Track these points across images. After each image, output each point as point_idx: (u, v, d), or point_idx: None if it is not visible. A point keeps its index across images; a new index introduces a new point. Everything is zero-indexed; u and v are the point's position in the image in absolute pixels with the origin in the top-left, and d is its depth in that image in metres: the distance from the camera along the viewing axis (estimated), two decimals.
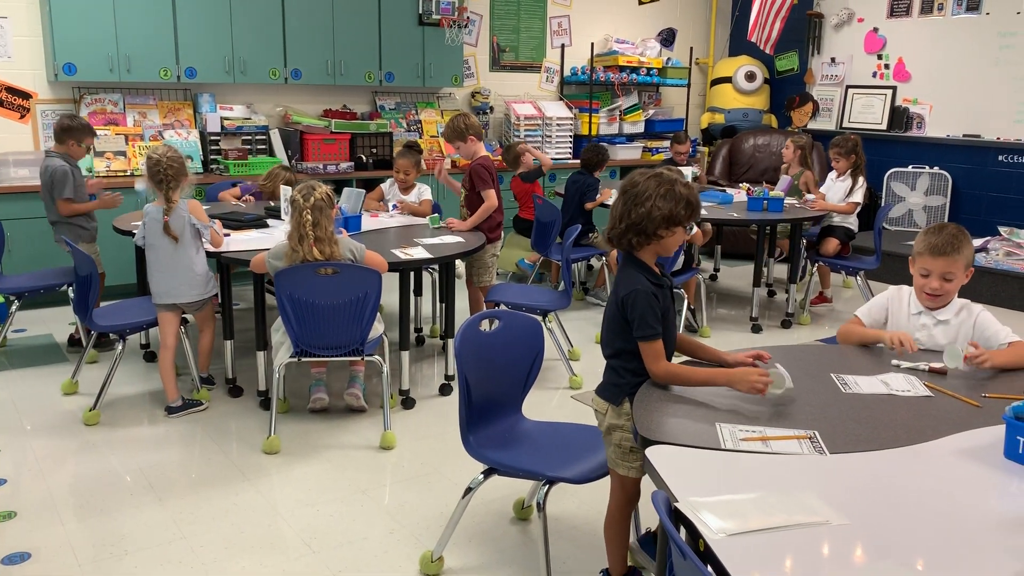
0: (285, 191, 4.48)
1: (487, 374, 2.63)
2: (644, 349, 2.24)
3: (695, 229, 4.96)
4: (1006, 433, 1.88)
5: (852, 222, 5.76)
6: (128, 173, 5.96)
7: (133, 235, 4.11)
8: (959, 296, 2.68)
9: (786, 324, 5.57)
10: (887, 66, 7.73)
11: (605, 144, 7.95)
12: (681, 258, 5.06)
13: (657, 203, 2.21)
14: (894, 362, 2.47)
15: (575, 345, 4.88)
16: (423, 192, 5.23)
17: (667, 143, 8.12)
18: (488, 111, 7.70)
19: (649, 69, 8.22)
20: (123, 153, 6.04)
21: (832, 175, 5.89)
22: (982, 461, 1.87)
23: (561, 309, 4.50)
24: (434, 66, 7.06)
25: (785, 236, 6.11)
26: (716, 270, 6.95)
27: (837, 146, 5.76)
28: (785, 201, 5.56)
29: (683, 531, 1.57)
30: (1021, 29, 6.76)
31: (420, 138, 7.21)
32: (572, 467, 2.47)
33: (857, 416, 2.11)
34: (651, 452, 1.85)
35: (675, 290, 5.01)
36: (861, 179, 5.77)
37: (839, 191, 5.81)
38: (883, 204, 7.29)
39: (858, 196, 5.68)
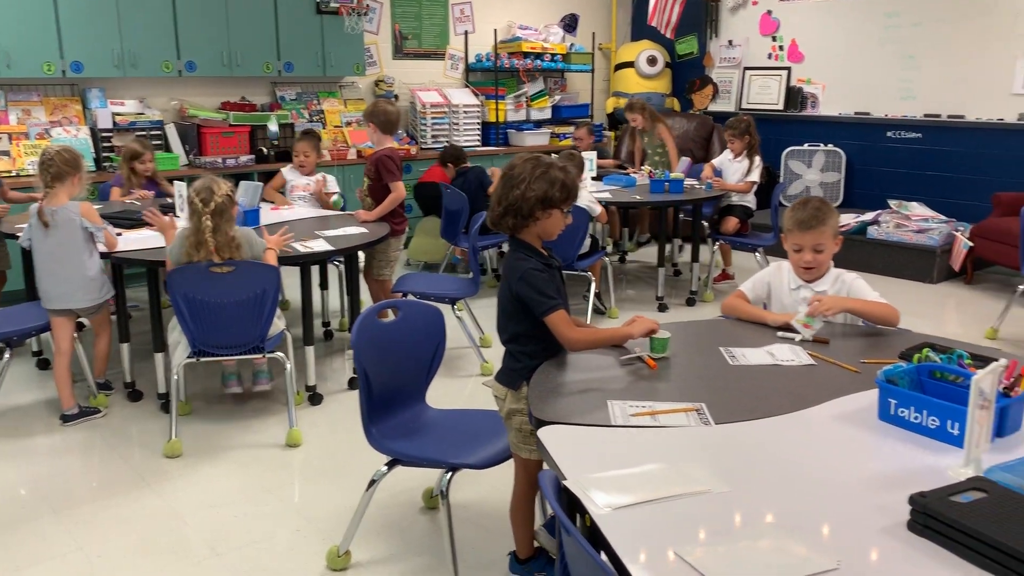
0: (180, 187, 4.34)
1: (388, 365, 2.61)
2: (552, 322, 2.28)
3: (598, 210, 5.02)
4: (879, 396, 1.97)
5: (750, 200, 5.93)
6: (13, 173, 5.68)
7: (17, 237, 3.92)
8: (837, 267, 2.79)
9: (691, 302, 5.71)
10: (781, 48, 7.97)
11: (512, 131, 8.04)
12: (588, 240, 5.13)
13: (532, 185, 2.25)
14: (780, 334, 2.56)
15: (486, 332, 4.89)
16: (331, 184, 5.16)
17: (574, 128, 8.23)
18: (393, 99, 7.62)
19: (553, 55, 8.28)
20: (7, 153, 5.76)
21: (727, 155, 6.07)
22: (858, 424, 1.96)
23: (470, 296, 4.50)
24: (334, 55, 6.95)
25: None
26: (624, 252, 7.07)
27: (731, 127, 5.95)
28: (685, 182, 5.68)
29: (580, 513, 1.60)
30: (905, 9, 7.05)
31: (324, 128, 7.09)
32: (475, 453, 2.48)
33: (743, 387, 2.18)
34: (544, 433, 1.87)
35: (583, 273, 5.13)
36: (757, 159, 5.97)
37: (736, 171, 5.99)
38: (781, 182, 7.52)
39: (755, 175, 5.86)
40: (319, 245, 3.88)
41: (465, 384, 4.30)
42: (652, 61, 8.62)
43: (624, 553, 1.41)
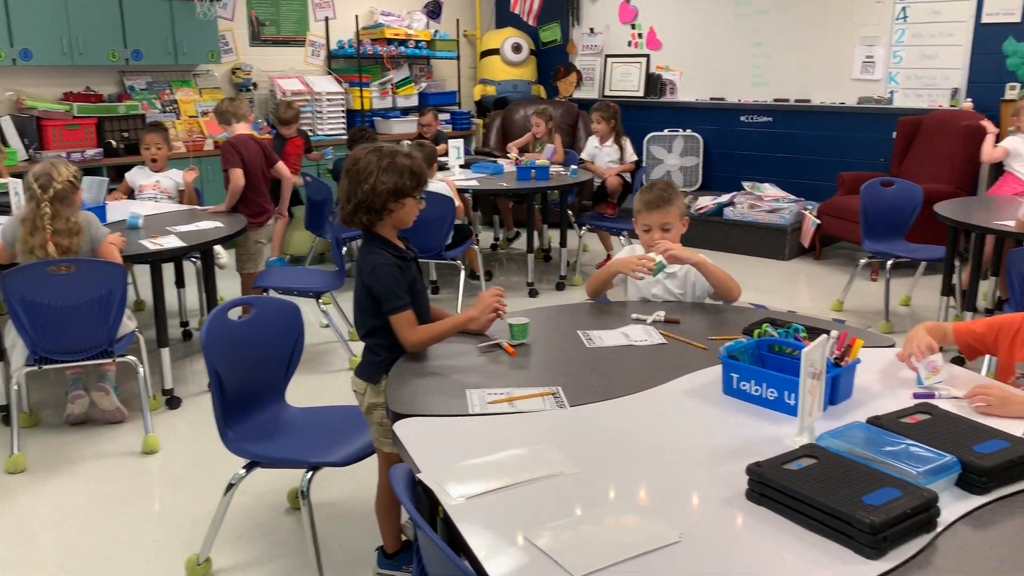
0: (14, 184, 4.04)
1: (242, 365, 2.53)
2: (395, 322, 2.25)
3: (457, 202, 5.02)
4: (722, 371, 2.05)
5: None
6: None
7: None
8: (697, 246, 2.89)
9: (560, 286, 5.80)
10: (640, 35, 8.18)
11: (379, 118, 7.93)
12: (469, 226, 5.13)
13: (380, 178, 2.22)
14: (634, 316, 2.63)
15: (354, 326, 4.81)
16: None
17: (444, 115, 8.19)
18: (251, 88, 7.37)
19: (418, 42, 8.20)
20: None
21: (594, 141, 6.22)
22: (704, 399, 2.04)
23: (335, 289, 4.41)
24: (186, 42, 6.63)
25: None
26: (496, 239, 7.10)
27: (600, 111, 6.13)
28: (551, 169, 5.76)
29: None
30: None
31: (178, 119, 6.77)
32: (337, 451, 2.44)
33: (598, 368, 2.23)
34: (400, 426, 1.85)
35: (453, 262, 5.12)
36: (625, 140, 6.20)
37: (607, 156, 6.18)
38: (643, 166, 7.74)
39: (633, 155, 6.10)
40: (170, 242, 3.70)
41: (334, 380, 4.22)
42: (517, 48, 8.67)
43: (475, 542, 1.41)
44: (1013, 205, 4.17)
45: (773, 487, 1.51)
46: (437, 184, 5.09)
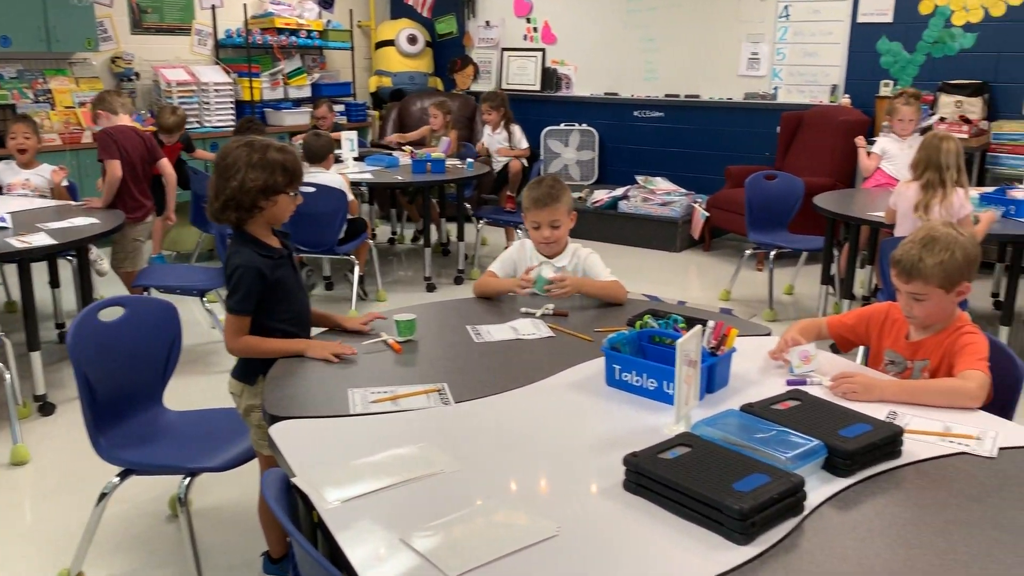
0: None
1: (115, 368, 2.41)
2: (227, 321, 2.20)
3: (350, 197, 4.93)
4: (605, 363, 2.08)
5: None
6: None
7: None
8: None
9: (458, 280, 5.78)
10: (536, 29, 8.22)
11: (270, 110, 7.71)
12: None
13: (250, 174, 2.14)
14: (523, 309, 2.63)
15: None
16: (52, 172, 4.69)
17: (339, 107, 8.04)
18: (133, 77, 7.04)
19: (310, 32, 8.01)
20: None
21: (488, 130, 6.28)
22: (588, 391, 2.05)
23: (221, 287, 4.25)
24: (60, 28, 6.28)
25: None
26: (394, 234, 7.03)
27: (488, 100, 6.19)
28: (447, 163, 5.72)
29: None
30: None
31: (52, 109, 6.41)
32: (217, 455, 2.35)
33: (485, 363, 2.22)
34: (276, 429, 1.80)
35: (346, 257, 5.02)
36: (515, 127, 6.27)
37: (498, 143, 6.22)
38: (541, 159, 7.80)
39: (524, 142, 6.14)
40: (39, 239, 3.50)
41: (220, 381, 4.03)
42: (412, 40, 8.58)
43: (349, 546, 1.37)
44: (885, 197, 4.38)
45: (648, 476, 1.53)
46: (332, 176, 4.99)
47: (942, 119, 5.88)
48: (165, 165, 4.79)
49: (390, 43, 8.61)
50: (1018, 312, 5.12)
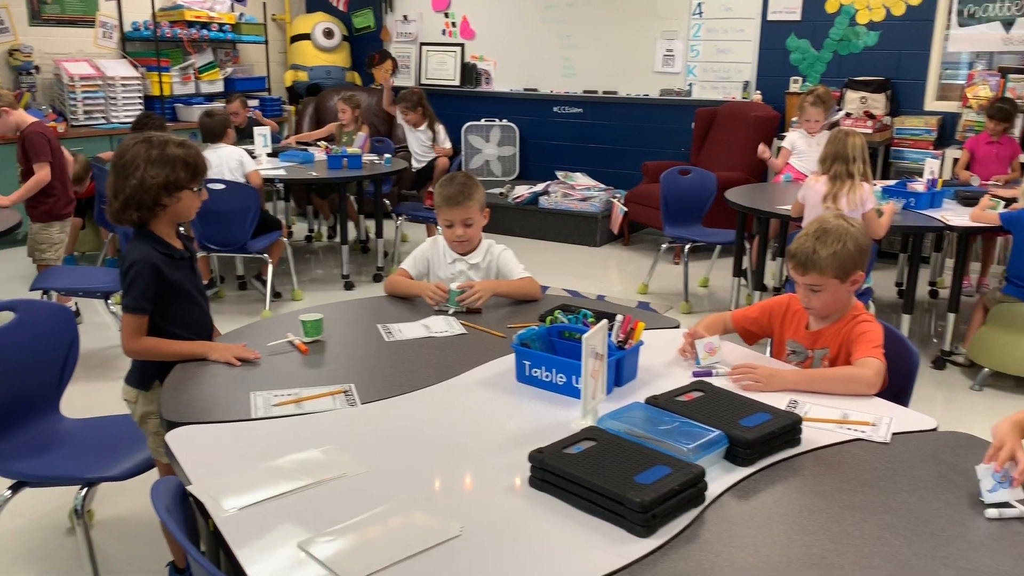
0: None
1: (5, 375, 2.29)
2: (124, 321, 2.13)
3: (249, 168, 4.85)
4: (515, 359, 2.07)
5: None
6: None
7: None
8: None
9: (377, 278, 5.71)
10: (454, 24, 8.18)
11: (181, 105, 7.49)
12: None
13: (150, 171, 2.07)
14: (437, 308, 2.60)
15: None
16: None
17: (253, 102, 7.85)
18: (33, 71, 6.73)
19: (222, 25, 7.80)
20: None
21: (407, 128, 6.24)
22: (499, 388, 2.05)
23: None
24: None
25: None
26: (311, 231, 6.90)
27: (405, 100, 6.14)
28: (363, 158, 5.64)
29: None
30: None
31: None
32: (116, 464, 2.26)
33: (395, 362, 2.19)
34: (172, 436, 1.73)
35: (259, 255, 4.91)
36: (439, 125, 6.23)
37: (419, 139, 6.18)
38: (461, 155, 7.78)
39: (447, 143, 6.10)
40: None
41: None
42: (329, 34, 8.44)
43: (244, 555, 1.33)
44: (794, 190, 4.51)
45: (553, 472, 1.53)
46: (234, 150, 4.94)
47: (848, 114, 6.07)
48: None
49: (306, 37, 8.45)
50: (919, 300, 5.34)
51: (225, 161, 4.86)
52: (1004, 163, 5.26)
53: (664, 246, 5.48)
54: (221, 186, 4.54)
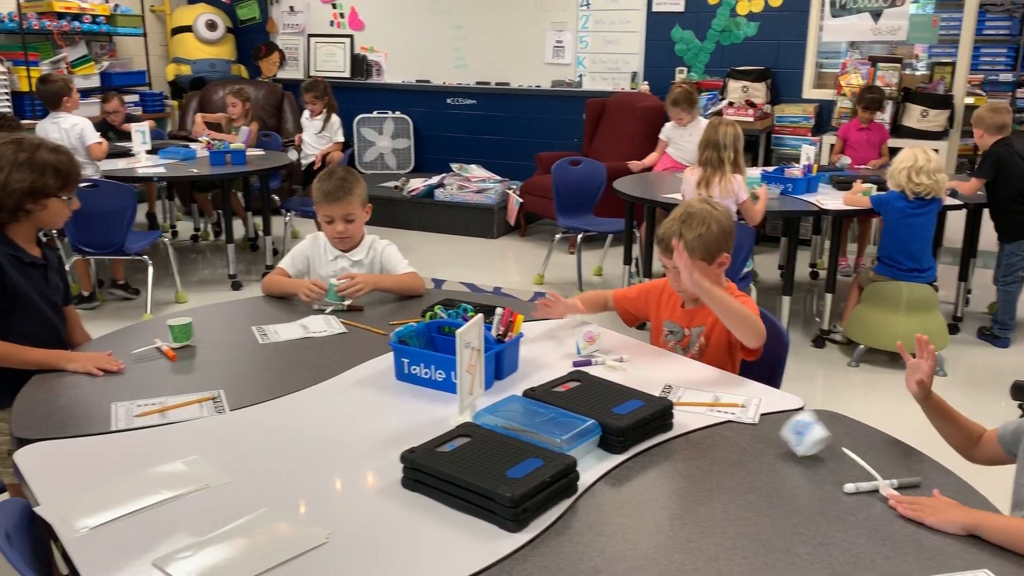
0: None
1: None
2: None
3: (90, 141, 4.67)
4: (394, 357, 2.03)
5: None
6: None
7: None
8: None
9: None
10: (342, 15, 8.01)
11: None
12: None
13: (15, 175, 1.95)
14: (316, 306, 2.54)
15: None
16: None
17: (133, 97, 7.52)
18: None
19: (95, 17, 7.41)
20: None
21: (307, 114, 6.13)
22: (378, 387, 2.01)
23: None
24: None
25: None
26: (197, 230, 6.66)
27: (311, 90, 6.05)
28: (248, 153, 5.47)
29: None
30: None
31: None
32: None
33: (269, 365, 2.12)
34: (21, 455, 1.63)
35: (137, 257, 4.70)
36: (335, 117, 6.13)
37: (312, 128, 6.08)
38: (353, 148, 7.65)
39: (339, 133, 6.10)
40: None
41: None
42: (212, 26, 8.14)
43: None
44: (673, 180, 4.63)
45: (425, 472, 1.51)
46: (75, 118, 4.85)
47: (731, 103, 6.25)
48: None
49: (187, 29, 8.13)
50: (801, 282, 5.56)
51: (66, 134, 4.65)
52: (875, 148, 5.51)
53: (558, 236, 5.52)
54: (95, 186, 4.32)
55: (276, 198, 6.12)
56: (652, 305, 2.41)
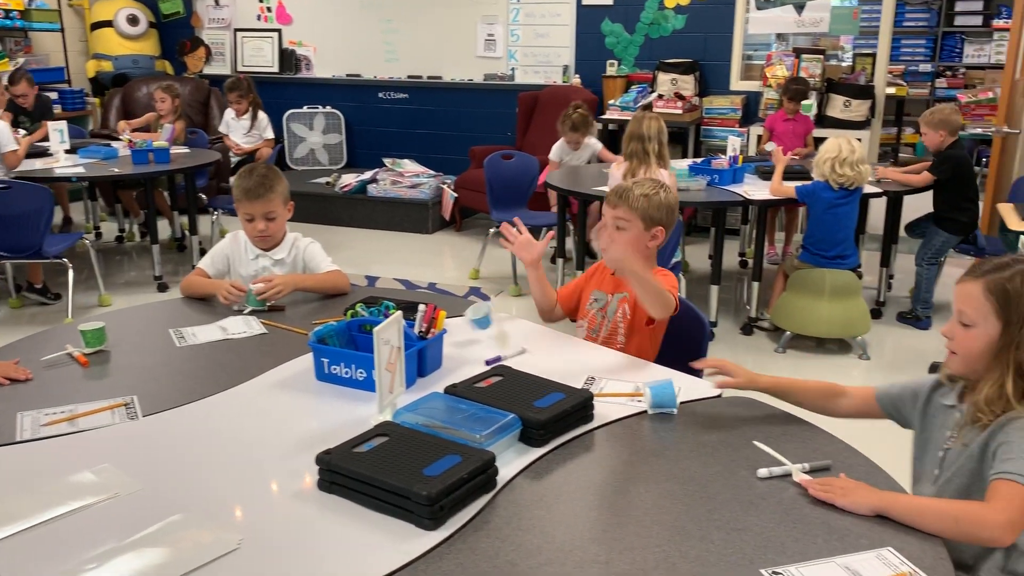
0: None
1: None
2: None
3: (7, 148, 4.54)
4: (314, 357, 2.00)
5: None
6: None
7: None
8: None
9: None
10: (270, 9, 7.86)
11: None
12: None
13: None
14: (235, 307, 2.48)
15: None
16: None
17: (51, 95, 7.26)
18: None
19: (8, 11, 7.14)
20: None
21: (231, 114, 6.03)
22: (298, 388, 1.97)
23: None
24: None
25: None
26: (122, 231, 6.47)
27: (235, 89, 5.98)
28: (172, 151, 5.34)
29: None
30: None
31: None
32: None
33: (186, 369, 2.07)
34: None
35: (57, 260, 4.55)
36: (262, 114, 6.05)
37: (239, 128, 5.97)
38: (283, 144, 7.52)
39: (270, 132, 6.07)
40: None
41: None
42: (133, 21, 7.91)
43: None
44: (601, 174, 4.66)
45: (341, 473, 1.49)
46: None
47: (660, 96, 6.32)
48: None
49: (108, 24, 7.88)
50: (732, 271, 5.66)
51: None
52: (800, 139, 5.64)
53: (492, 230, 5.51)
54: (7, 187, 4.16)
55: (203, 197, 5.97)
56: (584, 283, 2.44)
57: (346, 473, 1.48)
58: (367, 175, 6.90)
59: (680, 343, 2.28)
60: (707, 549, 1.36)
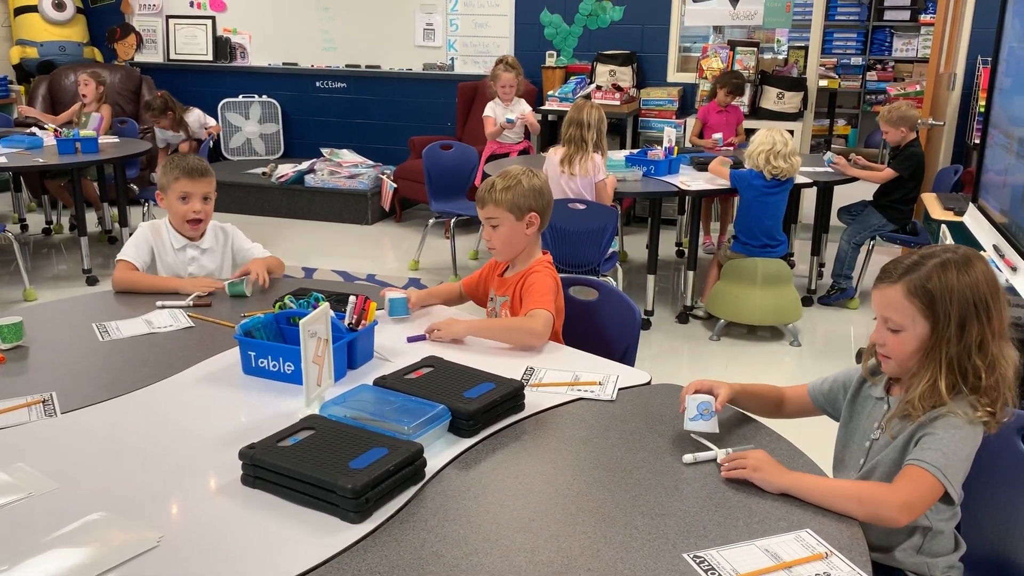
0: None
1: None
2: None
3: None
4: (240, 350, 1.97)
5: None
6: None
7: None
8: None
9: None
10: None
11: None
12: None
13: None
14: (159, 303, 2.42)
15: None
16: None
17: None
18: None
19: None
20: None
21: (160, 133, 6.01)
22: (225, 382, 1.94)
23: None
24: None
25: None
26: (49, 223, 6.27)
27: (150, 110, 6.17)
28: (100, 141, 5.18)
29: None
30: None
31: None
32: None
33: (108, 364, 2.02)
34: None
35: None
36: (192, 115, 6.03)
37: (179, 139, 5.92)
38: (219, 135, 7.37)
39: (211, 122, 6.11)
40: None
41: None
42: (60, 6, 7.64)
43: None
44: (539, 160, 4.68)
45: (265, 467, 1.47)
46: None
47: (598, 87, 6.35)
48: None
49: (32, 9, 7.60)
50: (668, 260, 5.74)
51: None
52: (732, 129, 5.73)
53: (431, 221, 5.49)
54: None
55: (134, 187, 5.82)
56: (486, 280, 2.44)
57: (270, 467, 1.46)
58: (304, 165, 6.80)
59: (611, 332, 2.30)
60: (631, 535, 1.37)
